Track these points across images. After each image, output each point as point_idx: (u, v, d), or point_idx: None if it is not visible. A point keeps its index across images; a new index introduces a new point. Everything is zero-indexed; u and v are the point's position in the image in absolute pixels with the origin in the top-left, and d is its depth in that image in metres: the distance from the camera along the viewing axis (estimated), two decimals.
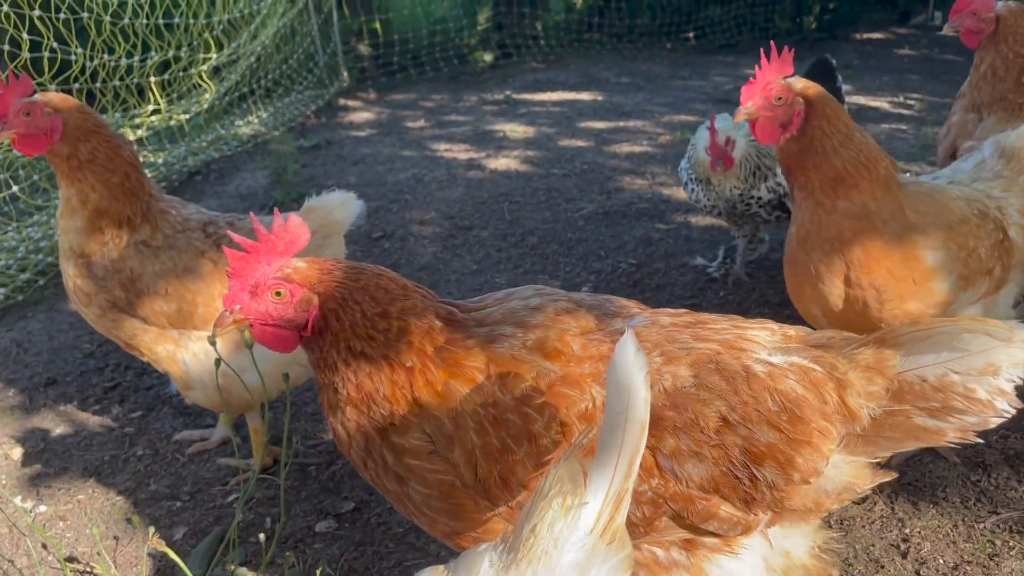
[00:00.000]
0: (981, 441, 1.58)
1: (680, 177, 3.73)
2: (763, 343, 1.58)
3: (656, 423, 1.46)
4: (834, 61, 3.69)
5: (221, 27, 6.02)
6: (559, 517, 1.09)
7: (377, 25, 8.79)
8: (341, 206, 2.66)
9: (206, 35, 5.83)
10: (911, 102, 7.74)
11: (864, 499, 2.41)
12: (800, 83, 2.28)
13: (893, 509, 2.36)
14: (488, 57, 9.57)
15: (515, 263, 4.13)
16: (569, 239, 4.36)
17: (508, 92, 8.10)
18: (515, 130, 6.48)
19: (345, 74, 8.41)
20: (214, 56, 5.88)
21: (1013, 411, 1.48)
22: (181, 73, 5.73)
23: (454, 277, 4.01)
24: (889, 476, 1.57)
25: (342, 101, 7.99)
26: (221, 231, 2.59)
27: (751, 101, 2.28)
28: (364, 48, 8.98)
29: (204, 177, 5.73)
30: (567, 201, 4.87)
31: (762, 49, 2.30)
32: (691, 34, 10.55)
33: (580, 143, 6.06)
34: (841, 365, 1.53)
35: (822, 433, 1.49)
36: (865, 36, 11.23)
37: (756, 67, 2.28)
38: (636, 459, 1.13)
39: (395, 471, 1.57)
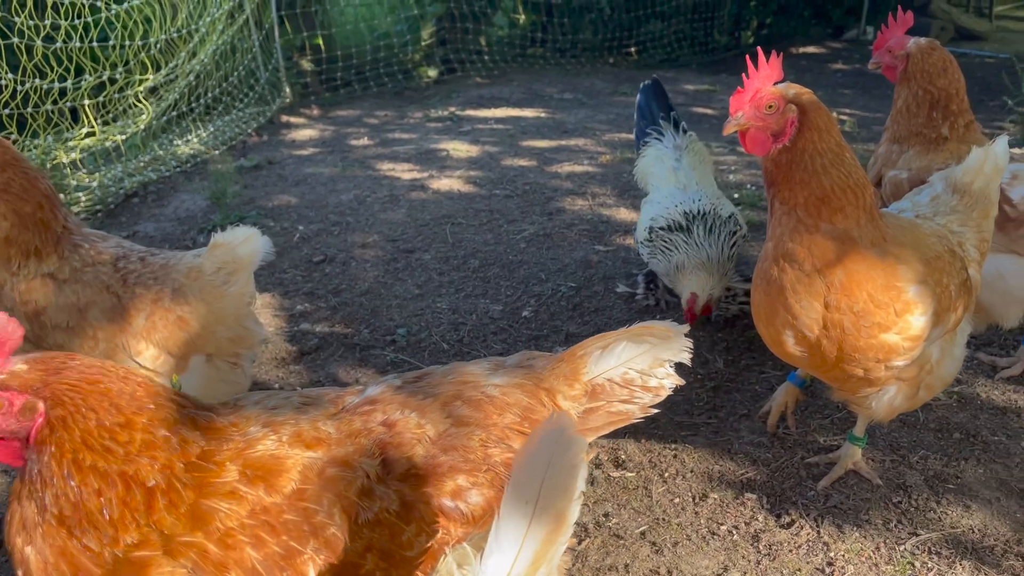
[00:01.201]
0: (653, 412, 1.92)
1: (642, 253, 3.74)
2: (481, 372, 1.78)
3: (433, 472, 1.60)
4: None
5: (158, 47, 5.93)
6: None
7: (320, 40, 8.74)
8: (245, 242, 2.62)
9: (142, 55, 5.73)
10: (843, 118, 7.98)
11: (791, 523, 2.49)
12: (793, 89, 2.19)
13: (819, 533, 2.45)
14: (432, 72, 9.59)
15: (457, 287, 4.15)
16: (510, 262, 4.40)
17: (453, 108, 8.13)
18: (458, 149, 6.51)
19: (288, 90, 8.33)
20: (151, 77, 5.78)
21: (681, 382, 1.92)
22: (117, 95, 5.62)
23: (396, 302, 4.02)
24: (595, 451, 1.98)
25: (285, 118, 7.92)
26: (132, 266, 2.59)
27: (740, 111, 2.17)
28: (307, 64, 8.92)
29: (142, 199, 5.63)
30: (509, 223, 4.92)
31: (748, 56, 2.20)
32: (633, 49, 10.73)
33: (523, 162, 6.12)
34: (546, 378, 1.80)
35: None
36: (801, 50, 11.55)
37: (743, 75, 2.17)
38: (546, 556, 1.12)
39: None
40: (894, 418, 2.57)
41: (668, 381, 1.85)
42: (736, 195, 5.01)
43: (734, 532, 2.48)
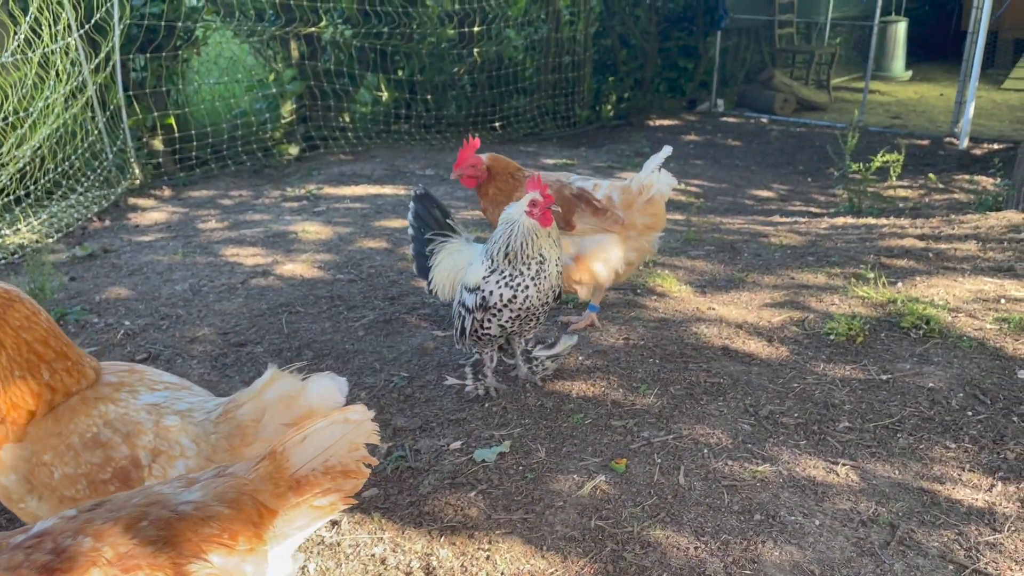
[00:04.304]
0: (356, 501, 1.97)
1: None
2: (171, 491, 1.74)
3: None
4: (431, 193, 3.98)
5: None
6: None
7: (172, 120, 8.53)
8: None
9: None
10: (692, 189, 8.37)
11: None
12: None
13: None
14: (294, 150, 9.50)
15: None
16: (346, 351, 4.30)
17: (311, 187, 8.04)
18: (308, 230, 6.41)
19: (137, 171, 8.06)
20: None
21: (375, 463, 1.94)
22: None
23: None
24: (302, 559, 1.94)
25: (132, 200, 7.64)
26: None
27: None
28: (159, 143, 8.67)
29: None
30: (349, 309, 4.83)
31: None
32: (497, 124, 10.99)
33: (373, 244, 6.08)
34: (250, 481, 1.77)
35: (258, 538, 1.72)
36: (658, 123, 12.13)
37: None
38: None
39: None
40: None
41: (365, 466, 1.88)
42: None
43: None
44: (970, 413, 3.49)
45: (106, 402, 2.19)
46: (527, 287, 3.44)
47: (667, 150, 4.12)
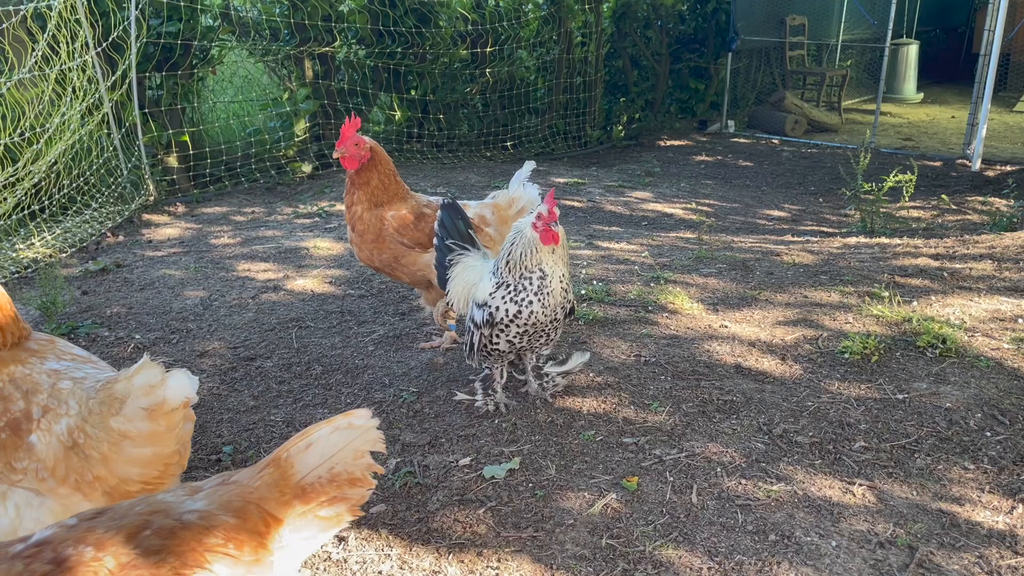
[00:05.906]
0: (363, 513, 1.93)
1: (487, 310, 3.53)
2: (175, 500, 1.74)
3: None
4: (459, 202, 4.03)
5: None
6: None
7: (186, 137, 8.59)
8: None
9: None
10: (703, 208, 8.34)
11: None
12: None
13: None
14: (307, 168, 9.55)
15: (295, 396, 4.00)
16: (356, 366, 4.28)
17: (323, 204, 8.07)
18: (320, 246, 6.42)
19: (151, 187, 8.10)
20: None
21: (381, 471, 1.95)
22: None
23: (228, 416, 3.82)
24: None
25: (146, 216, 7.67)
26: None
27: None
28: (174, 160, 8.72)
29: None
30: (359, 324, 4.82)
31: None
32: (509, 143, 11.01)
33: None
34: (255, 489, 1.77)
35: (263, 548, 1.70)
36: (668, 143, 12.12)
37: None
38: None
39: None
40: None
41: (372, 474, 1.86)
42: (584, 290, 5.08)
43: None
44: (988, 434, 3.43)
45: (16, 363, 2.46)
46: (531, 302, 3.41)
47: (530, 165, 4.30)
